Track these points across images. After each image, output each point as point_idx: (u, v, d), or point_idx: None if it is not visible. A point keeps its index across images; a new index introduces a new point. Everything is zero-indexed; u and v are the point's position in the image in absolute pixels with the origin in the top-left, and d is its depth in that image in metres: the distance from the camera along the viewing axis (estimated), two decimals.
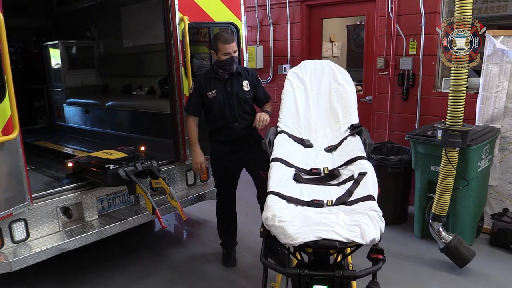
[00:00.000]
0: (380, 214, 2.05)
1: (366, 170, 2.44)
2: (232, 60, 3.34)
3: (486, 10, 4.46)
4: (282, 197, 2.25)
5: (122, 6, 5.80)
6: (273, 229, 2.01)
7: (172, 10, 3.72)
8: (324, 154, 2.86)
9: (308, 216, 2.05)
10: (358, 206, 2.14)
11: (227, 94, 3.43)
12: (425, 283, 3.48)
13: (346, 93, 3.21)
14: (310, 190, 2.39)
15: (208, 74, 3.52)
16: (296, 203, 2.23)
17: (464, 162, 3.65)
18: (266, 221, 2.07)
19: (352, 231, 1.91)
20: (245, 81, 3.49)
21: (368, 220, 1.97)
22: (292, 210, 2.16)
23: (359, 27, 7.48)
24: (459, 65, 3.29)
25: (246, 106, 3.51)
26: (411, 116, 4.89)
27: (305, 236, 1.88)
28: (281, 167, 2.58)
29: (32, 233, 3.14)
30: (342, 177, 2.50)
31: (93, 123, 5.99)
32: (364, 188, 2.28)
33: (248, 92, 3.50)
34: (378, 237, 1.93)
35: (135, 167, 3.39)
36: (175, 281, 3.63)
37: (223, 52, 3.31)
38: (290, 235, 1.91)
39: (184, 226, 4.88)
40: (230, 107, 3.44)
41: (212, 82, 3.44)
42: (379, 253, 1.99)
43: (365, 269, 1.92)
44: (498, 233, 3.96)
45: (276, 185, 2.36)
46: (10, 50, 2.74)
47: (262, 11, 6.13)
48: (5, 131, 2.74)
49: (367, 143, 2.75)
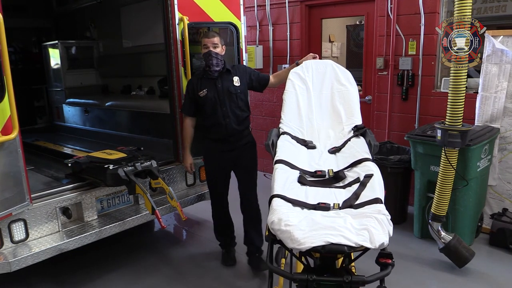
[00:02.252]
0: (388, 217, 2.00)
1: (372, 172, 2.40)
2: (208, 54, 3.37)
3: (486, 10, 4.47)
4: (288, 200, 2.20)
5: (121, 6, 5.80)
6: (279, 233, 1.96)
7: (171, 10, 3.72)
8: (328, 155, 2.81)
9: (315, 220, 2.00)
10: (366, 209, 2.10)
11: (217, 91, 3.45)
12: (424, 283, 3.48)
13: (348, 93, 3.17)
14: (315, 192, 2.35)
15: (199, 74, 3.56)
16: (302, 206, 2.18)
17: (463, 162, 3.66)
18: (272, 225, 2.01)
19: (360, 235, 1.87)
20: (235, 77, 3.50)
21: (376, 224, 1.93)
22: (298, 213, 2.10)
23: (358, 27, 7.48)
24: (459, 65, 3.29)
25: (238, 101, 3.51)
26: (410, 116, 4.89)
27: (313, 240, 1.83)
28: (285, 169, 2.52)
29: (31, 233, 3.14)
30: (348, 179, 2.45)
31: (93, 123, 5.99)
32: (371, 191, 2.24)
33: (239, 87, 3.51)
34: (387, 241, 1.90)
35: (135, 167, 3.39)
36: (175, 281, 3.63)
37: (202, 45, 3.40)
38: (297, 240, 1.87)
39: (183, 226, 4.88)
40: (221, 104, 3.46)
41: (203, 81, 3.49)
42: (388, 258, 1.95)
43: (374, 274, 1.88)
44: (497, 233, 3.96)
45: (281, 188, 2.30)
46: (9, 50, 2.74)
47: (262, 11, 6.13)
48: (4, 131, 2.73)
49: (372, 145, 2.69)
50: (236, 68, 3.59)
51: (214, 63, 3.39)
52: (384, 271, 1.92)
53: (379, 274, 1.90)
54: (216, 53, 3.37)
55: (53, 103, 6.80)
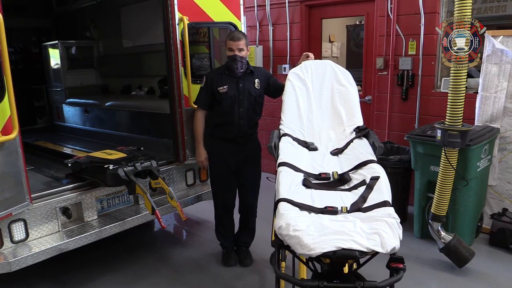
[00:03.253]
0: (398, 220, 1.97)
1: (378, 174, 2.35)
2: (234, 59, 3.35)
3: (486, 10, 4.47)
4: (294, 204, 2.14)
5: (121, 6, 5.80)
6: (287, 238, 1.91)
7: (171, 10, 3.71)
8: (331, 157, 2.76)
9: (324, 225, 1.95)
10: (375, 212, 2.06)
11: (238, 90, 3.44)
12: (424, 283, 3.48)
13: (349, 94, 3.14)
14: (321, 196, 2.29)
15: (221, 70, 3.54)
16: (309, 210, 2.12)
17: (463, 162, 3.66)
18: (279, 230, 1.95)
19: (371, 239, 1.82)
20: (256, 79, 3.51)
21: (387, 228, 1.89)
22: (306, 218, 2.04)
23: (358, 27, 7.48)
24: (459, 65, 3.29)
25: (255, 105, 3.53)
26: (410, 116, 4.89)
27: (323, 246, 1.78)
28: (289, 172, 2.46)
29: (31, 233, 3.14)
30: (353, 182, 2.41)
31: (93, 123, 5.99)
32: (379, 194, 2.20)
33: (259, 91, 3.52)
34: (398, 245, 1.86)
35: (135, 167, 3.39)
36: (175, 281, 3.63)
37: (227, 47, 3.38)
38: (307, 245, 1.81)
39: (183, 226, 4.88)
40: (240, 103, 3.45)
41: (224, 77, 3.46)
42: (400, 262, 1.91)
43: (387, 280, 1.85)
44: (497, 233, 3.96)
45: (287, 192, 2.24)
46: (9, 50, 2.75)
47: (262, 11, 6.13)
48: (4, 131, 2.73)
49: (377, 146, 2.64)
50: (258, 71, 3.59)
51: (239, 67, 3.39)
52: (396, 276, 1.88)
53: (392, 279, 1.86)
54: (241, 57, 3.36)
55: (53, 103, 6.80)
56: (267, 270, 3.70)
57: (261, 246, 3.95)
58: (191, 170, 4.22)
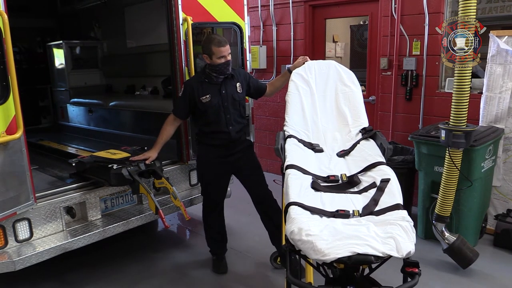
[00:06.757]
0: (411, 224, 1.93)
1: (388, 176, 2.30)
2: (228, 64, 3.28)
3: (490, 10, 4.45)
4: (305, 208, 2.07)
5: (125, 6, 5.82)
6: (300, 243, 1.84)
7: (175, 10, 3.72)
8: (338, 159, 2.70)
9: (337, 229, 1.90)
10: (388, 216, 2.01)
11: (221, 97, 3.34)
12: (428, 283, 3.47)
13: (353, 95, 3.10)
14: (331, 199, 2.23)
15: (199, 78, 3.40)
16: (321, 214, 2.06)
17: (467, 163, 3.64)
18: (291, 235, 1.89)
19: (387, 244, 1.77)
20: (238, 83, 3.43)
21: (401, 232, 1.84)
22: (319, 222, 1.98)
23: (362, 27, 7.45)
24: (463, 66, 3.28)
25: (240, 109, 3.46)
26: (414, 117, 4.88)
27: (338, 251, 1.72)
28: (298, 174, 2.39)
29: (35, 232, 3.15)
30: (363, 184, 2.35)
31: (97, 123, 6.01)
32: (390, 196, 2.15)
33: (242, 94, 3.47)
34: (413, 249, 1.80)
35: (138, 167, 3.41)
36: (178, 281, 3.64)
37: (218, 56, 3.21)
38: (320, 251, 1.75)
39: (187, 226, 4.88)
40: (225, 111, 3.36)
41: (205, 86, 3.33)
42: (415, 266, 1.85)
43: (403, 285, 1.81)
44: (501, 234, 3.95)
45: (297, 195, 2.17)
46: (14, 50, 2.75)
47: (266, 11, 6.12)
48: (9, 131, 2.75)
49: (386, 148, 2.58)
50: (237, 73, 3.50)
51: (229, 70, 3.34)
52: (412, 280, 1.82)
53: (408, 284, 1.80)
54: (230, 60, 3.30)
55: (57, 103, 6.83)
56: (269, 273, 3.70)
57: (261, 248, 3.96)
58: (195, 170, 4.22)
